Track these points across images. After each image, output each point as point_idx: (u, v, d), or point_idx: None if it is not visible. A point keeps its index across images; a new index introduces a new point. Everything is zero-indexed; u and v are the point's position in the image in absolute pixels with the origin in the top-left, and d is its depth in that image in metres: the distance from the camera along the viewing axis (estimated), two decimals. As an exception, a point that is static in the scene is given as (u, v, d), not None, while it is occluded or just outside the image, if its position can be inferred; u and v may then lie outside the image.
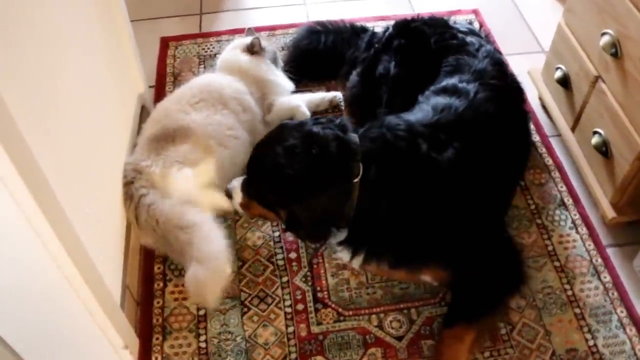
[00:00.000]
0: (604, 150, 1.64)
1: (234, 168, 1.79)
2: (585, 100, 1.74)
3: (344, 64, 2.21)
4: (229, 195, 1.62)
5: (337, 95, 2.09)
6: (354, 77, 1.98)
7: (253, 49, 1.98)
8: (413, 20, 1.89)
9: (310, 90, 2.20)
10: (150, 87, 2.22)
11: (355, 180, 1.38)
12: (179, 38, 2.45)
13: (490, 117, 1.52)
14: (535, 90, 2.09)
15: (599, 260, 1.66)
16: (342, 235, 1.47)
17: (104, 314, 1.28)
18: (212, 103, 1.82)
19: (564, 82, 1.84)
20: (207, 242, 1.52)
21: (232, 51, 2.02)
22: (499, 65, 1.70)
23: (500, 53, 1.79)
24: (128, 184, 1.64)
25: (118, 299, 1.48)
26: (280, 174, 1.39)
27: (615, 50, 1.55)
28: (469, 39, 1.77)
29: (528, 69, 2.12)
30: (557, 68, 1.87)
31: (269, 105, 1.96)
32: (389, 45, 1.85)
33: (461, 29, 1.83)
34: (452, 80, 1.60)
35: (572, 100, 1.82)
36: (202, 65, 2.34)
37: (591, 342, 1.51)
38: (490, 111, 1.52)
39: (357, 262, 1.53)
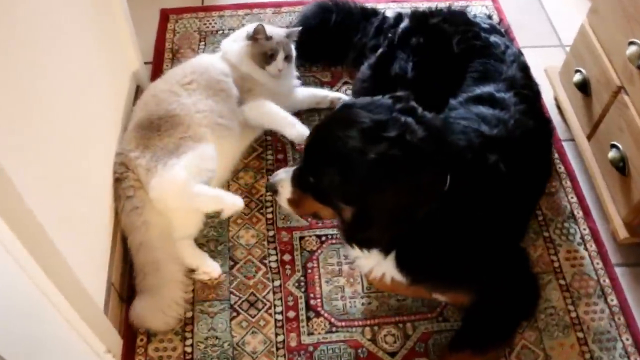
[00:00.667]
0: (621, 166, 1.55)
1: (223, 163, 1.70)
2: (604, 110, 1.64)
3: (350, 49, 2.10)
4: (273, 189, 1.41)
5: (342, 97, 1.97)
6: (365, 69, 1.86)
7: (255, 35, 1.79)
8: (432, 14, 1.75)
9: (314, 77, 2.09)
10: (147, 63, 2.10)
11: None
12: (180, 11, 2.32)
13: (530, 134, 1.43)
14: (551, 90, 1.98)
15: (607, 281, 1.59)
16: None
17: (84, 322, 1.22)
18: (203, 86, 1.71)
19: (583, 87, 1.73)
20: (168, 276, 1.50)
21: (233, 40, 1.86)
22: (526, 71, 1.60)
23: (521, 54, 1.68)
24: (117, 181, 1.56)
25: (102, 297, 1.43)
26: (359, 158, 1.15)
27: (643, 63, 1.44)
28: (492, 38, 1.65)
29: (545, 67, 2.00)
30: (577, 71, 1.76)
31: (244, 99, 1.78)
32: (406, 41, 1.72)
33: (483, 25, 1.70)
34: (486, 89, 1.49)
35: (591, 108, 1.71)
36: (203, 42, 2.22)
37: (592, 369, 1.46)
38: (530, 127, 1.43)
39: (378, 271, 1.41)
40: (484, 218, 1.29)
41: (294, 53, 1.88)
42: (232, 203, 1.57)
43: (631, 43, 1.48)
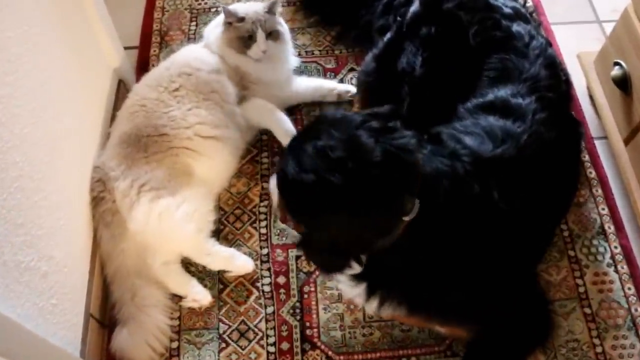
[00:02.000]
0: (663, 181, 1.34)
1: (220, 176, 1.55)
2: (648, 114, 1.41)
3: (352, 26, 1.88)
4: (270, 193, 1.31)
5: (351, 90, 1.75)
6: (369, 61, 1.63)
7: (226, 20, 1.57)
8: None
9: (316, 64, 1.88)
10: (132, 48, 1.91)
11: (405, 219, 1.05)
12: (169, -14, 2.09)
13: (550, 149, 1.24)
14: (584, 78, 1.74)
15: (639, 310, 1.42)
16: (357, 268, 1.17)
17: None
18: (192, 90, 1.53)
19: (623, 83, 1.49)
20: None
21: (215, 25, 1.66)
22: (553, 67, 1.36)
23: (549, 44, 1.44)
24: (94, 200, 1.42)
25: (79, 331, 1.31)
26: (299, 177, 1.07)
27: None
28: (515, 27, 1.41)
29: (578, 53, 1.75)
30: (616, 63, 1.51)
31: (244, 96, 1.62)
32: (415, 30, 1.49)
33: (505, 11, 1.45)
34: (501, 93, 1.28)
35: (631, 108, 1.48)
36: (194, 22, 2.01)
37: (619, 414, 1.31)
38: (551, 140, 1.23)
39: (372, 306, 1.25)
40: (480, 250, 1.13)
41: (281, 28, 1.64)
42: (242, 266, 1.47)
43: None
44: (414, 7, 1.56)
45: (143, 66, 1.87)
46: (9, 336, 0.97)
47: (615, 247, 1.50)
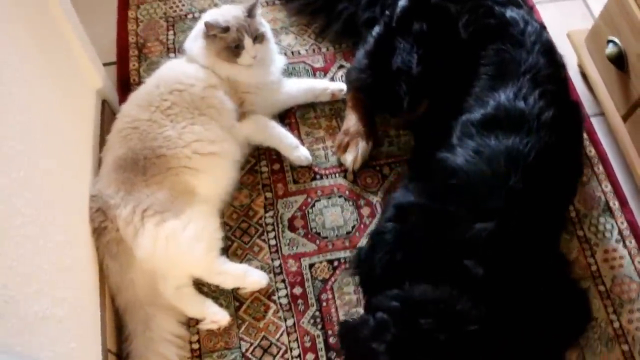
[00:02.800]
0: (666, 156, 1.36)
1: (222, 191, 1.51)
2: (646, 90, 1.42)
3: (333, 19, 1.84)
4: None
5: (344, 88, 1.71)
6: (361, 57, 1.61)
7: (207, 32, 1.51)
8: None
9: (304, 64, 1.83)
10: (108, 64, 1.84)
11: None
12: (141, -6, 2.02)
13: (555, 151, 1.25)
14: (575, 56, 1.74)
15: (651, 283, 1.45)
16: None
17: None
18: (186, 107, 1.49)
19: (619, 60, 1.50)
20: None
21: (194, 38, 1.59)
22: (550, 53, 1.37)
23: (543, 28, 1.43)
24: (96, 231, 1.37)
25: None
26: None
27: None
28: (509, 13, 1.40)
29: (568, 31, 1.74)
30: (610, 41, 1.52)
31: (245, 112, 1.59)
32: (406, 26, 1.47)
33: None
34: (502, 98, 1.27)
35: (628, 85, 1.49)
36: (172, 31, 1.94)
37: (641, 385, 1.34)
38: (554, 142, 1.24)
39: None
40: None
41: (264, 28, 1.59)
42: (256, 281, 1.45)
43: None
44: (402, 1, 1.54)
45: (124, 82, 1.81)
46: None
47: (622, 223, 1.52)
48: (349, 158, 1.58)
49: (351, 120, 1.62)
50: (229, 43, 1.52)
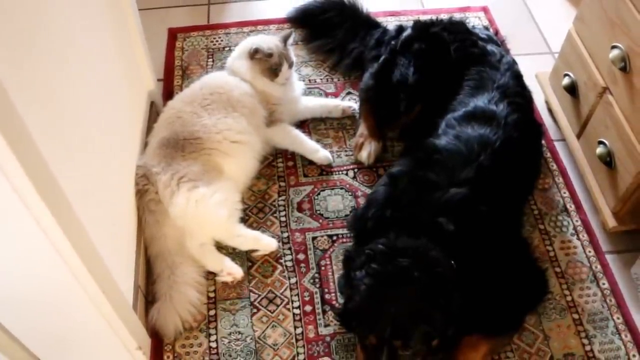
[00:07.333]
0: (608, 160, 1.67)
1: (244, 174, 1.83)
2: (591, 110, 1.77)
3: (345, 54, 2.23)
4: None
5: (352, 106, 2.09)
6: (368, 79, 1.99)
7: (254, 56, 1.91)
8: (433, 23, 1.89)
9: (318, 89, 2.21)
10: (159, 80, 2.23)
11: None
12: (187, 30, 2.45)
13: (518, 145, 1.57)
14: (542, 94, 2.11)
15: (598, 267, 1.71)
16: None
17: (118, 318, 1.30)
18: (223, 105, 1.84)
19: (572, 89, 1.86)
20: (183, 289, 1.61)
21: (238, 57, 1.98)
22: (518, 78, 1.74)
23: (515, 63, 1.81)
24: (139, 193, 1.68)
25: (130, 299, 1.52)
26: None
27: (624, 65, 1.57)
28: (489, 47, 1.79)
29: (536, 72, 2.14)
30: (565, 75, 1.89)
31: (274, 120, 1.94)
32: (407, 47, 1.86)
33: (481, 35, 1.84)
34: (479, 102, 1.62)
35: (579, 109, 1.84)
36: (211, 59, 2.34)
37: (588, 347, 1.57)
38: (517, 138, 1.56)
39: None
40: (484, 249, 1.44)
41: (294, 58, 2.01)
42: (268, 244, 1.73)
43: (614, 47, 1.61)
44: (406, 32, 1.94)
45: (168, 94, 2.18)
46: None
47: (577, 221, 1.81)
48: (364, 154, 1.92)
49: (363, 127, 1.98)
50: (272, 65, 1.90)
